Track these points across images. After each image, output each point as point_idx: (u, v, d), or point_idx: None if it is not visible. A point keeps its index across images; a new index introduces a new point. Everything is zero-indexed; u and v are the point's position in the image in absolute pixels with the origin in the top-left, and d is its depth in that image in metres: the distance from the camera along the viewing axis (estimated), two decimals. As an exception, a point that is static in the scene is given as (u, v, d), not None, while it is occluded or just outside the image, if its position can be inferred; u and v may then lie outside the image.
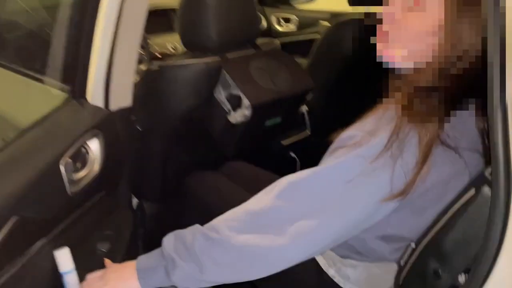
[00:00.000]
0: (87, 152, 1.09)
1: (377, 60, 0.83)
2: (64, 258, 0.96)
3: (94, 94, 1.19)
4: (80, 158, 1.07)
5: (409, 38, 0.79)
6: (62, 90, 1.15)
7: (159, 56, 1.85)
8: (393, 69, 0.84)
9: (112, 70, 1.19)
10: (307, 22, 2.70)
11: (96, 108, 1.18)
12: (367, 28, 0.87)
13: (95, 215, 1.16)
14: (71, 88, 1.15)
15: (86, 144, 1.08)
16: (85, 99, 1.18)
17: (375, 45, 0.83)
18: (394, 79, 0.80)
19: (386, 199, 0.75)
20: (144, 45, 1.70)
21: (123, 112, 1.28)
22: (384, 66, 0.84)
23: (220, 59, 1.41)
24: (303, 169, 0.82)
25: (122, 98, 1.27)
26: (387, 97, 0.80)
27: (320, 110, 1.95)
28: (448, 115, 0.77)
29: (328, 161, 0.80)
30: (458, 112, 0.79)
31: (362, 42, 1.92)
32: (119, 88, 1.24)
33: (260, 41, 1.57)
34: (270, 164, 1.97)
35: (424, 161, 0.73)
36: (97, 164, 1.10)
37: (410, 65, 0.80)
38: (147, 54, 1.73)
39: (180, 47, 1.96)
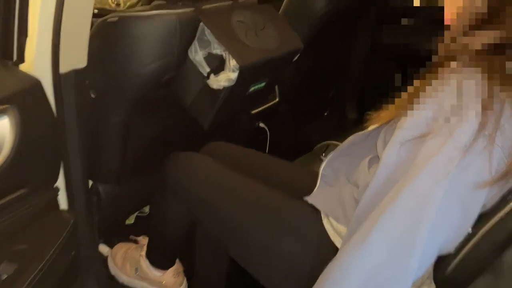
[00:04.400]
0: None
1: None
2: None
3: (38, 52, 0.92)
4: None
5: None
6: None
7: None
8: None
9: (63, 22, 0.90)
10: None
11: (19, 74, 0.90)
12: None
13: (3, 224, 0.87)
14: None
15: None
16: (12, 60, 0.91)
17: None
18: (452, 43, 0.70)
19: (487, 184, 0.64)
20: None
21: (76, 74, 1.00)
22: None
23: (194, 10, 1.14)
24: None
25: (76, 58, 0.99)
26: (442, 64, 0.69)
27: (288, 74, 1.74)
28: None
29: (413, 165, 0.66)
30: None
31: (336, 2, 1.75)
32: (72, 44, 0.95)
33: None
34: (238, 136, 1.76)
35: None
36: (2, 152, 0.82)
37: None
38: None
39: (123, 3, 1.67)
